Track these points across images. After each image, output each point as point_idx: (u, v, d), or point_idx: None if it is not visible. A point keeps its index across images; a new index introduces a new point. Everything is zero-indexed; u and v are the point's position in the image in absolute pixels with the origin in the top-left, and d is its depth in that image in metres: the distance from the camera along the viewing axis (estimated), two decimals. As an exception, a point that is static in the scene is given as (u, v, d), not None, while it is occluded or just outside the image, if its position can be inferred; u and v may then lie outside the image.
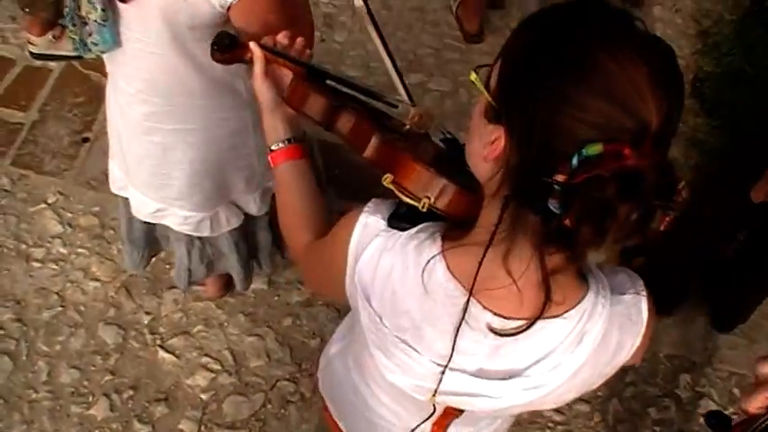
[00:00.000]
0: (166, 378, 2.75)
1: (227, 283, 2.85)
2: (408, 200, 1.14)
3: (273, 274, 2.90)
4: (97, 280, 2.91)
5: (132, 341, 2.81)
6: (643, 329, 1.17)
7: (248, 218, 2.38)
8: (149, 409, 2.69)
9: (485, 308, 1.07)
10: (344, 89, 1.46)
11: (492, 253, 1.01)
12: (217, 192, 2.18)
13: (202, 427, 2.67)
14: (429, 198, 1.13)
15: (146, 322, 2.84)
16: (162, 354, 2.78)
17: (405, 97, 1.49)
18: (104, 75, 3.23)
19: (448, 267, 1.07)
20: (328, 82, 1.44)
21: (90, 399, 2.69)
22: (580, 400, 2.76)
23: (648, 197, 0.88)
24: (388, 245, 1.12)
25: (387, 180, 1.17)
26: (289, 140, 1.38)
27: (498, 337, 1.08)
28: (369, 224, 1.15)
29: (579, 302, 1.09)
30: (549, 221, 0.91)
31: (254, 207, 2.31)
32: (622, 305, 1.14)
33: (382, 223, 1.14)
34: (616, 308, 1.12)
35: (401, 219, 1.14)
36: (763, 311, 2.94)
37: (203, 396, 2.72)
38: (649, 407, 2.80)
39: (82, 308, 2.86)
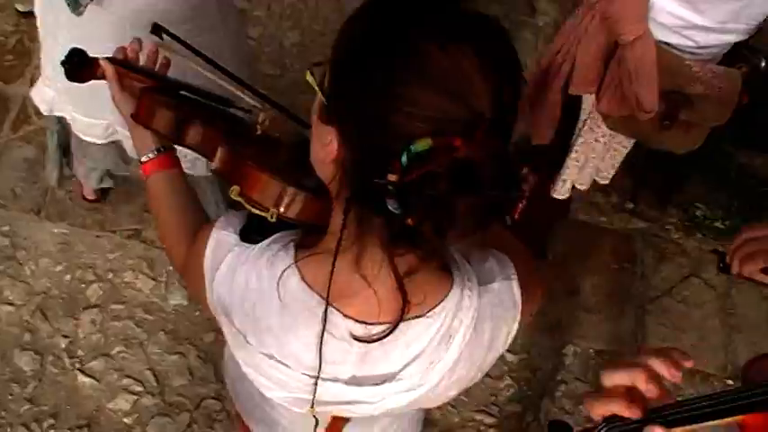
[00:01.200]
0: (87, 403, 2.65)
1: None
2: (257, 211, 1.11)
3: (194, 289, 2.82)
4: (10, 304, 2.79)
5: (50, 366, 2.70)
6: (518, 315, 1.14)
7: None
8: (71, 437, 2.61)
9: (345, 316, 1.04)
10: (201, 99, 1.44)
11: (344, 259, 0.98)
12: None
13: (127, 453, 2.60)
14: (277, 208, 1.10)
15: (63, 346, 2.73)
16: (82, 378, 2.68)
17: (251, 102, 1.45)
18: (7, 83, 3.16)
19: (302, 278, 1.05)
20: (183, 93, 1.41)
21: (8, 430, 2.59)
22: (511, 401, 2.74)
23: (489, 188, 0.85)
24: (241, 259, 1.09)
25: (234, 192, 1.13)
26: (158, 150, 1.35)
27: (364, 344, 1.05)
28: (220, 240, 1.12)
29: (443, 300, 1.06)
30: (391, 222, 0.88)
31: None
32: (492, 294, 1.10)
33: (234, 238, 1.11)
34: (485, 298, 1.09)
35: (253, 231, 1.12)
36: (692, 300, 2.95)
37: (126, 420, 2.64)
38: (581, 404, 2.79)
39: (-5, 334, 2.75)
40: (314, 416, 1.20)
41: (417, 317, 1.05)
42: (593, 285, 2.97)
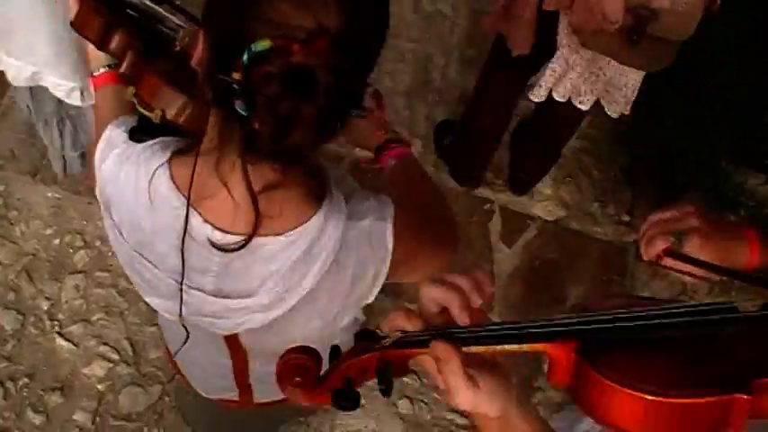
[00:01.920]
0: (63, 366, 2.68)
1: None
2: (144, 111, 1.20)
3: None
4: (-2, 262, 2.83)
5: (31, 327, 2.73)
6: (388, 257, 1.16)
7: None
8: (44, 398, 2.63)
9: (205, 221, 1.08)
10: (136, 15, 1.50)
11: (207, 161, 1.04)
12: (83, 64, 2.12)
13: (97, 419, 2.62)
14: (164, 111, 1.19)
15: (45, 308, 2.76)
16: (60, 341, 2.71)
17: (177, 21, 1.52)
18: None
19: (172, 178, 1.09)
20: (126, 11, 1.49)
21: (-17, 385, 2.63)
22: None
23: (324, 99, 0.90)
24: (124, 156, 1.15)
25: (129, 92, 1.23)
26: (109, 66, 1.41)
27: (225, 254, 1.09)
28: (112, 137, 1.18)
29: (305, 223, 1.09)
30: (244, 126, 0.93)
31: None
32: (358, 231, 1.13)
33: (123, 136, 1.17)
34: (351, 233, 1.12)
35: (142, 131, 1.18)
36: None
37: (100, 386, 2.66)
38: (554, 412, 2.76)
39: (-20, 291, 2.78)
40: (183, 325, 1.24)
41: (275, 234, 1.08)
42: (578, 296, 2.93)
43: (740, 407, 0.73)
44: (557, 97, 2.41)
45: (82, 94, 2.24)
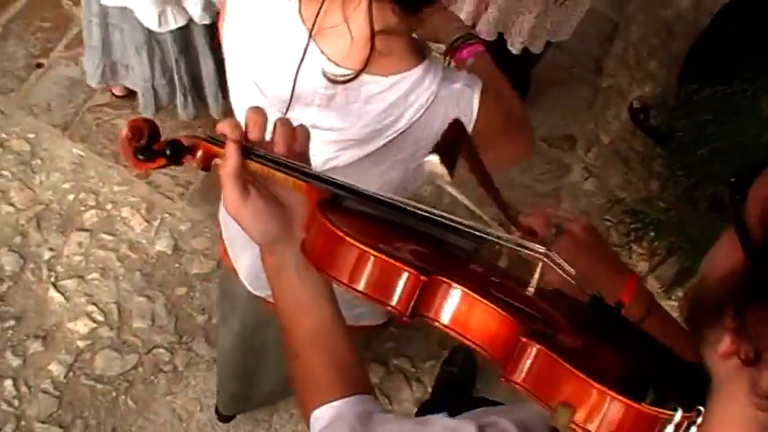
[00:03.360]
0: (50, 317, 2.74)
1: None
2: None
3: (180, 241, 2.88)
4: (12, 205, 2.91)
5: (29, 273, 2.80)
6: (471, 123, 1.25)
7: (191, 33, 2.49)
8: (26, 342, 2.69)
9: (321, 52, 1.19)
10: None
11: (335, 1, 1.14)
12: None
13: (71, 373, 2.66)
14: None
15: (46, 258, 2.83)
16: (52, 292, 2.78)
17: None
18: (76, 3, 3.27)
19: (299, 11, 1.20)
20: None
21: (-28, 320, 2.70)
22: None
23: None
24: None
25: None
26: None
27: (330, 87, 1.20)
28: None
29: (408, 71, 1.21)
30: None
31: (196, 11, 2.35)
32: (450, 92, 1.24)
33: None
34: (443, 91, 1.23)
35: None
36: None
37: (80, 343, 2.71)
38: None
39: (-11, 229, 2.86)
40: None
41: (381, 75, 1.19)
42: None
43: (410, 281, 0.78)
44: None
45: (159, 19, 2.31)
